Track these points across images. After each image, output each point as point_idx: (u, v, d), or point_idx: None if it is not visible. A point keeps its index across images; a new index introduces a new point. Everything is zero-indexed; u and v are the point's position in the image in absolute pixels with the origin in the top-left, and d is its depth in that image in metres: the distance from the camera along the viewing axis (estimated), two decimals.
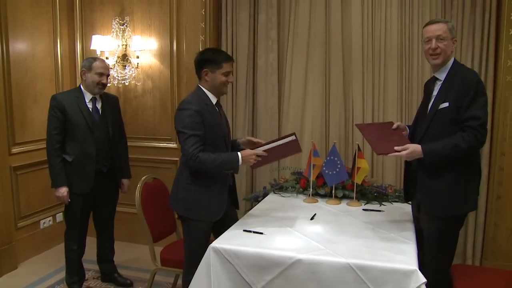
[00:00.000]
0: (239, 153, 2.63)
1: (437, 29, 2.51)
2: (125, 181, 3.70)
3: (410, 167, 2.63)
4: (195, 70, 2.84)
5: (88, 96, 3.42)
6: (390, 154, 2.51)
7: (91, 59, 3.42)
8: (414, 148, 2.46)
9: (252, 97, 4.33)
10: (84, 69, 3.39)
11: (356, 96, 4.07)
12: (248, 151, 2.65)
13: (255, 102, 4.33)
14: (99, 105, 3.46)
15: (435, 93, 2.59)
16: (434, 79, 2.63)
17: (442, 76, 2.57)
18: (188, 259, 2.79)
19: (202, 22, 4.21)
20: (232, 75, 2.82)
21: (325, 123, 4.20)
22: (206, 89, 2.79)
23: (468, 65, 3.67)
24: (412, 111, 3.82)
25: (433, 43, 2.51)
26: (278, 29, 4.26)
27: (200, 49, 4.21)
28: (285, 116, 4.29)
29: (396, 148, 2.48)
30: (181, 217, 2.85)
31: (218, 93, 2.82)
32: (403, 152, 2.47)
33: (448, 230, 2.56)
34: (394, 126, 2.70)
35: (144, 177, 3.34)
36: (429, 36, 2.54)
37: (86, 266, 3.69)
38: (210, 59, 2.77)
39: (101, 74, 3.37)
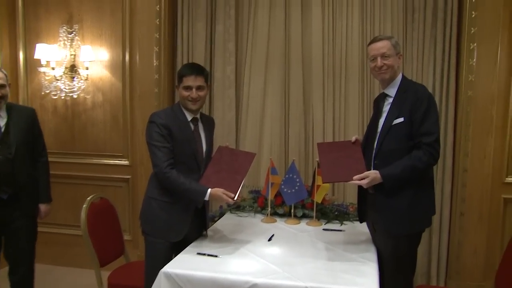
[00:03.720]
0: (210, 189, 2.50)
1: (382, 46, 2.51)
2: (42, 206, 3.18)
3: (362, 187, 2.53)
4: None
5: None
6: (350, 182, 2.46)
7: None
8: (374, 176, 2.42)
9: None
10: None
11: (316, 110, 3.97)
12: (218, 191, 2.50)
13: (212, 116, 4.13)
14: (2, 122, 2.95)
15: (385, 108, 2.56)
16: (383, 96, 2.61)
17: (392, 92, 2.55)
18: (145, 280, 2.64)
19: (156, 33, 4.02)
20: (198, 89, 2.60)
21: (284, 138, 4.09)
22: (181, 104, 2.68)
23: (430, 79, 3.70)
24: None
25: (379, 61, 2.51)
26: (236, 41, 4.13)
27: (154, 61, 4.04)
28: (243, 131, 4.14)
29: (355, 178, 2.42)
30: (142, 231, 2.74)
31: (186, 109, 2.66)
32: (363, 181, 2.42)
33: (406, 249, 2.51)
34: (353, 139, 2.64)
35: (90, 197, 3.13)
36: (374, 54, 2.53)
37: None
38: (177, 73, 2.71)
39: None
